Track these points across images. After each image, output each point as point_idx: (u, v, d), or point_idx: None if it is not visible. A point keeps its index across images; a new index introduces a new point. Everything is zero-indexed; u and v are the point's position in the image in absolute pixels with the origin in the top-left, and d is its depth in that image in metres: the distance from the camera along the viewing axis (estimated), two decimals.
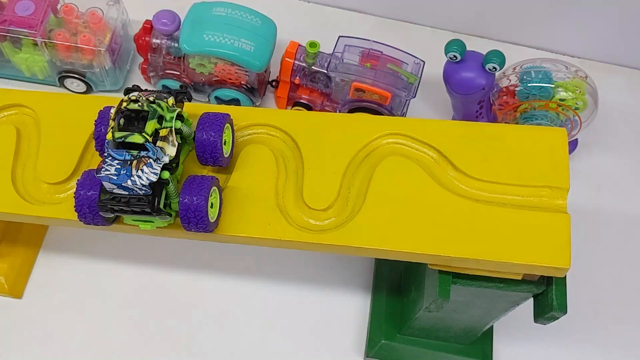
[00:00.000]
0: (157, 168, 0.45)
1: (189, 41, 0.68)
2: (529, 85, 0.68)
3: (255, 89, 0.74)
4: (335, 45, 0.71)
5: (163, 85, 0.75)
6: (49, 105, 0.57)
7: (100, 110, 0.52)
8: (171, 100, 0.47)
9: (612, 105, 0.78)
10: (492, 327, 0.66)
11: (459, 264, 0.50)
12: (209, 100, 0.76)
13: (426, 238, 0.50)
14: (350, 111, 0.73)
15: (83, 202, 0.48)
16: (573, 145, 0.76)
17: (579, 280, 0.60)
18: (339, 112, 0.74)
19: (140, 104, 0.45)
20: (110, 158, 0.45)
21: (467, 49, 0.66)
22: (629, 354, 0.68)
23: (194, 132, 0.50)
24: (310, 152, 0.54)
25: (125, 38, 0.77)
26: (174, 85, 0.75)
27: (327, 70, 0.71)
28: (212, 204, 0.49)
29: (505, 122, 0.71)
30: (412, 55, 0.71)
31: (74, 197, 0.48)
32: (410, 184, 0.52)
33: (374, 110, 0.72)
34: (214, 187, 0.49)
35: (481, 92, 0.68)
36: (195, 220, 0.47)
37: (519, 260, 0.48)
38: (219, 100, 0.76)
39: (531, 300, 0.53)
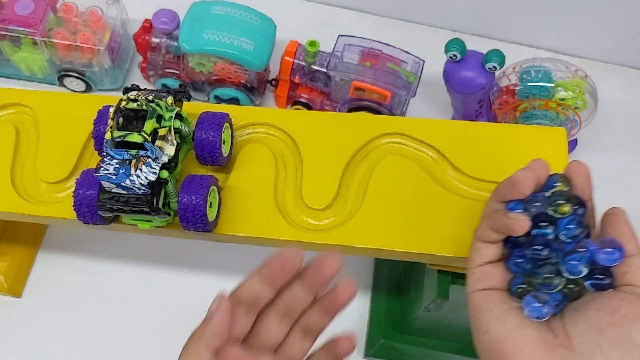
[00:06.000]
0: (156, 167, 0.45)
1: (188, 40, 0.68)
2: (528, 84, 0.68)
3: (254, 88, 0.74)
4: (335, 44, 0.71)
5: (162, 84, 0.75)
6: (48, 104, 0.57)
7: (99, 110, 0.52)
8: (170, 99, 0.47)
9: (612, 104, 0.78)
10: None
11: (458, 264, 0.50)
12: (208, 99, 0.76)
13: (425, 238, 0.50)
14: (350, 110, 0.73)
15: (82, 201, 0.48)
16: (573, 144, 0.76)
17: None
18: (339, 111, 0.74)
19: (139, 103, 0.45)
20: (109, 157, 0.45)
21: (467, 48, 0.66)
22: None
23: (193, 131, 0.50)
24: (309, 151, 0.54)
25: (124, 37, 0.76)
26: (174, 84, 0.75)
27: (326, 69, 0.71)
28: (210, 204, 0.49)
29: (505, 122, 0.71)
30: (411, 55, 0.71)
31: (73, 196, 0.48)
32: (410, 184, 0.52)
33: (374, 109, 0.72)
34: (213, 187, 0.49)
35: (481, 91, 0.67)
36: (194, 219, 0.47)
37: None
38: (219, 99, 0.76)
39: None
